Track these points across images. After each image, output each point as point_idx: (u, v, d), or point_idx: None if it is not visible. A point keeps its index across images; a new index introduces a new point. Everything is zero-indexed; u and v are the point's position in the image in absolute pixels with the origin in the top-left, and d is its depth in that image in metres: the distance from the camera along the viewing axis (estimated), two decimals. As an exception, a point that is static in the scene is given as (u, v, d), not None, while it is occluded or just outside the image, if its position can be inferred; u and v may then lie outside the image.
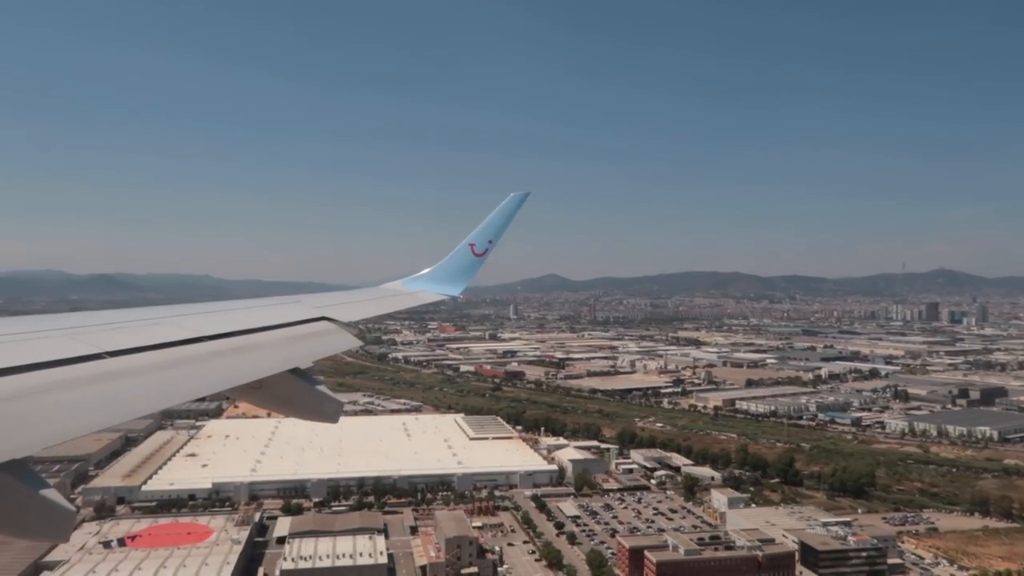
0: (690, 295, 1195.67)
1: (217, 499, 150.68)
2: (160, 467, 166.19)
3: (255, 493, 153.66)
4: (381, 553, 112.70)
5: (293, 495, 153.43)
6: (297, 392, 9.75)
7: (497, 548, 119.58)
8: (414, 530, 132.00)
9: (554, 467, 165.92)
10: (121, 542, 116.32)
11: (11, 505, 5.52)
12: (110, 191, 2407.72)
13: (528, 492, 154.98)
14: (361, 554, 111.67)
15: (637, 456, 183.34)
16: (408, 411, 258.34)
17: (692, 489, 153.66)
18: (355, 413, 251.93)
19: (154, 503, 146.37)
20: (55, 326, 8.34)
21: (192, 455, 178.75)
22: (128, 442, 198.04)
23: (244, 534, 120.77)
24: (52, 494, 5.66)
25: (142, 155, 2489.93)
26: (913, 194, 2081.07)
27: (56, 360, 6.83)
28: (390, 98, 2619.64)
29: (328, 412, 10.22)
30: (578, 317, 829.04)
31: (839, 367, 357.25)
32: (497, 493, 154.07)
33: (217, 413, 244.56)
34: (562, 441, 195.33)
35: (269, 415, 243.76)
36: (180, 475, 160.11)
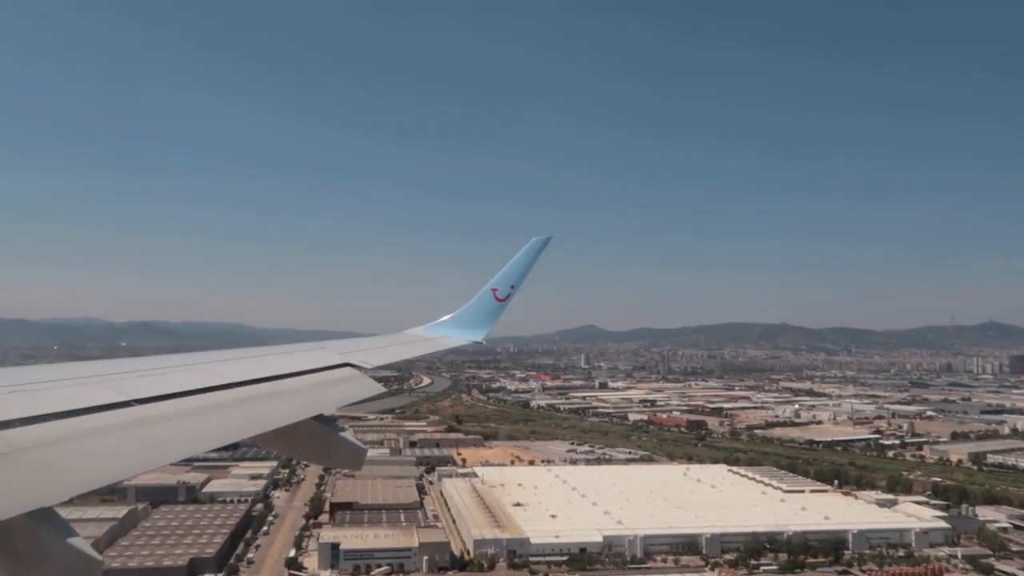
0: (740, 346, 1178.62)
1: (609, 553, 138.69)
2: (507, 518, 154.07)
3: (647, 548, 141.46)
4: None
5: (686, 551, 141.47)
6: (322, 439, 9.73)
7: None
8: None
9: (944, 525, 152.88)
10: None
11: (40, 553, 5.50)
12: (142, 239, 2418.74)
13: (935, 552, 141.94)
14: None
15: (989, 513, 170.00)
16: (640, 460, 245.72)
17: None
18: (596, 461, 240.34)
19: (564, 557, 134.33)
20: (86, 373, 8.44)
21: (519, 504, 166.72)
22: (418, 490, 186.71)
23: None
24: (80, 543, 5.70)
25: (173, 202, 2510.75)
26: (954, 245, 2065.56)
27: (85, 408, 6.95)
28: (424, 149, 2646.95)
29: (352, 459, 10.22)
30: (651, 366, 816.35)
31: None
32: (916, 553, 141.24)
33: (445, 460, 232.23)
34: (889, 496, 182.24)
35: (510, 461, 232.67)
36: (545, 527, 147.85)
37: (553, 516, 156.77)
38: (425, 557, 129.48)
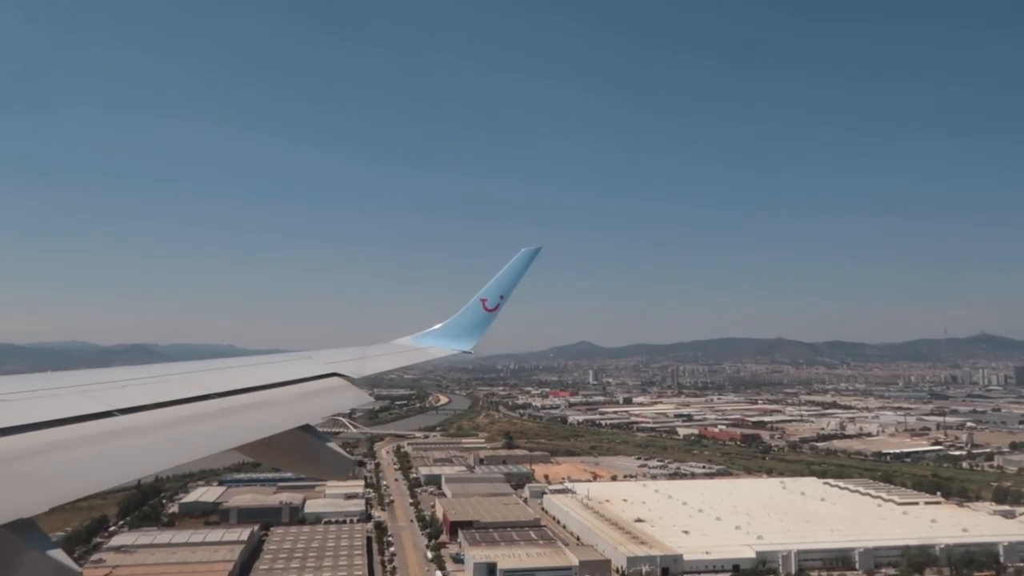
0: (739, 361, 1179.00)
1: (764, 570, 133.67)
2: (644, 535, 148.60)
3: (801, 564, 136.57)
4: None
5: (839, 566, 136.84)
6: (307, 449, 9.72)
7: None
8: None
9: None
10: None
11: (17, 566, 5.42)
12: (131, 262, 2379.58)
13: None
14: None
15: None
16: (718, 474, 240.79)
17: None
18: (674, 475, 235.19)
19: (728, 574, 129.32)
20: (67, 383, 8.35)
21: (640, 520, 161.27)
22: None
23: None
24: (59, 555, 5.56)
25: (162, 225, 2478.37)
26: (945, 258, 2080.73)
27: (66, 418, 6.89)
28: (412, 168, 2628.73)
29: (337, 469, 10.20)
30: (659, 381, 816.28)
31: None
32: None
33: (527, 477, 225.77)
34: (1005, 507, 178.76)
35: (592, 476, 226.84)
36: (686, 543, 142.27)
37: (686, 532, 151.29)
38: (587, 575, 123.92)
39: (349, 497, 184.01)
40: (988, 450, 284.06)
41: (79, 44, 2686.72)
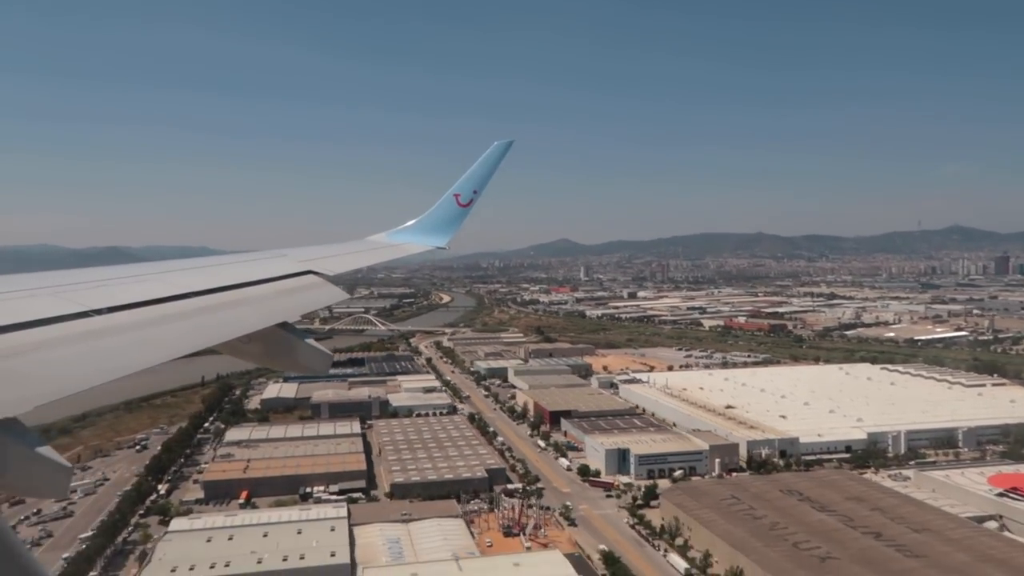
0: (719, 255, 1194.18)
1: (876, 450, 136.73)
2: (750, 420, 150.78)
3: (909, 444, 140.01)
4: None
5: (943, 445, 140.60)
6: (286, 346, 9.84)
7: None
8: None
9: None
10: None
11: (7, 463, 5.56)
12: (101, 164, 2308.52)
13: None
14: None
15: None
16: (763, 363, 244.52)
17: None
18: (722, 366, 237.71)
19: (847, 454, 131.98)
20: (39, 285, 8.32)
21: (730, 407, 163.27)
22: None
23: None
24: (48, 451, 5.72)
25: (137, 127, 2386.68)
26: (920, 151, 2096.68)
27: (43, 319, 6.88)
28: (388, 66, 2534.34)
29: (317, 364, 10.34)
30: (648, 276, 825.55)
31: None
32: None
33: (586, 368, 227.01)
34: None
35: (649, 368, 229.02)
36: (791, 427, 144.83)
37: (783, 416, 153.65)
38: (717, 459, 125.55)
39: (428, 391, 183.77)
40: (1011, 335, 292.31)
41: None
